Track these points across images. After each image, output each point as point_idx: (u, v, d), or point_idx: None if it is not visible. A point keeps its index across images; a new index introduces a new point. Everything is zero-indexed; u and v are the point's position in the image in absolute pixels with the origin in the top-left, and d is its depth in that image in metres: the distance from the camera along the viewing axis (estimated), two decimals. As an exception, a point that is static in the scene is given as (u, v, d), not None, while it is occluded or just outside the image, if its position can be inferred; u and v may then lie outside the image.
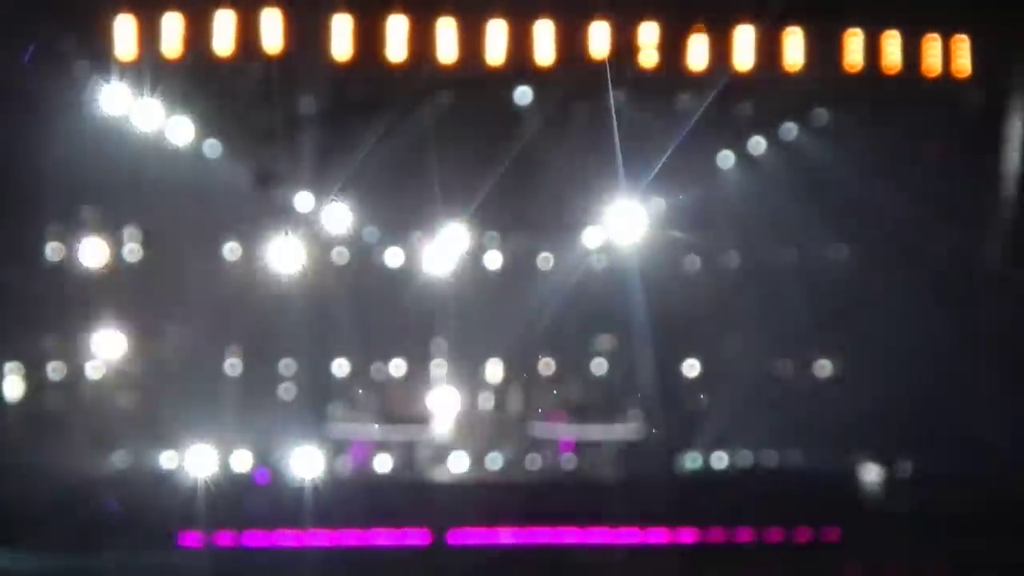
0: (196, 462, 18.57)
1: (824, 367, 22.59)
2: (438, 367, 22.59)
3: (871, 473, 20.16)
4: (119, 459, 19.55)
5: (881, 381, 20.47)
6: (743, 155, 21.70)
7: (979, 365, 19.49)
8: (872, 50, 19.61)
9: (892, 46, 19.62)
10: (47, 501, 17.45)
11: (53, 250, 20.89)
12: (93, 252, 21.16)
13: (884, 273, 21.09)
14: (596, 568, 17.11)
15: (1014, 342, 19.58)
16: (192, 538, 17.62)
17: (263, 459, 19.17)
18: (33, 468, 18.16)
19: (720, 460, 20.53)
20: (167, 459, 19.14)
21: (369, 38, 18.71)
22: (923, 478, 19.84)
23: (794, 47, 19.41)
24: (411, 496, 18.76)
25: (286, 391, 21.56)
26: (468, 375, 22.54)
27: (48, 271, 20.62)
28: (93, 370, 21.21)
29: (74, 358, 21.05)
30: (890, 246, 21.10)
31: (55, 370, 21.01)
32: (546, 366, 22.76)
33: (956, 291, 20.24)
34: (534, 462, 20.47)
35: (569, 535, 18.35)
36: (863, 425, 20.54)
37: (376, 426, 19.72)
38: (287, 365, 21.72)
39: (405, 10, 18.46)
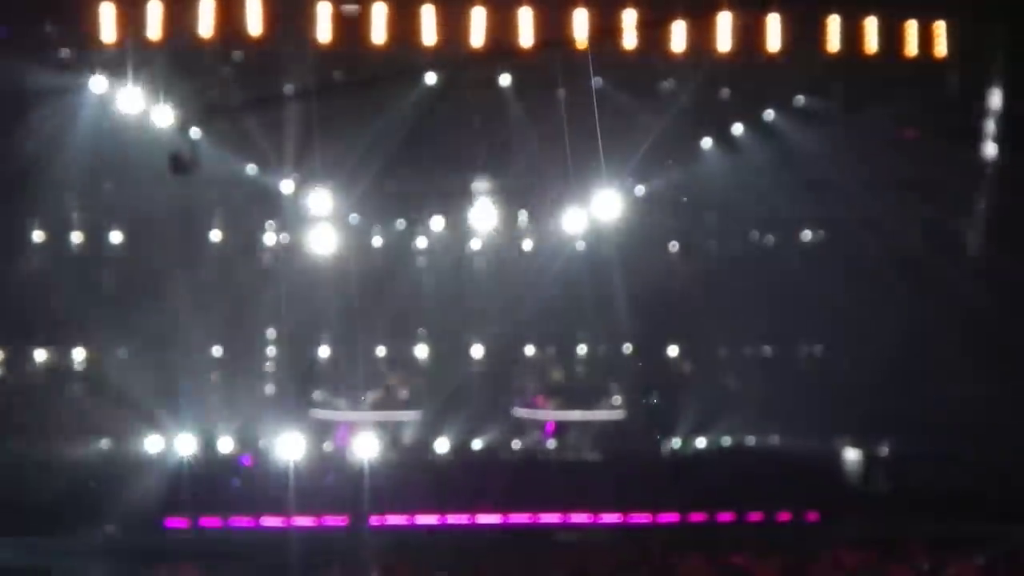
0: (182, 447, 18.66)
1: (805, 351, 22.79)
2: (423, 351, 22.71)
3: (851, 455, 20.36)
4: (106, 445, 19.66)
5: (860, 365, 20.69)
6: (724, 139, 21.82)
7: (957, 349, 19.70)
8: (851, 34, 19.74)
9: (871, 31, 19.75)
10: (36, 486, 17.53)
11: (37, 237, 20.92)
12: (77, 238, 21.16)
13: (863, 257, 21.27)
14: (575, 548, 17.20)
15: (991, 326, 19.77)
16: (177, 521, 17.70)
17: (247, 444, 19.26)
18: (22, 455, 18.26)
19: (702, 442, 20.73)
20: (153, 444, 19.26)
21: (352, 22, 18.72)
22: (901, 460, 20.08)
23: (774, 32, 19.53)
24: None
25: (271, 376, 21.66)
26: (453, 359, 22.67)
27: (32, 257, 20.64)
28: (80, 357, 21.32)
29: (60, 345, 21.14)
30: (868, 230, 21.26)
31: (42, 357, 21.09)
32: (530, 349, 22.92)
33: (935, 274, 20.42)
34: (517, 443, 20.61)
35: (550, 517, 18.53)
36: (843, 408, 20.77)
37: (361, 410, 19.78)
38: (272, 350, 21.83)
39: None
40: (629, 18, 18.79)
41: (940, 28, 19.81)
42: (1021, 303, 19.47)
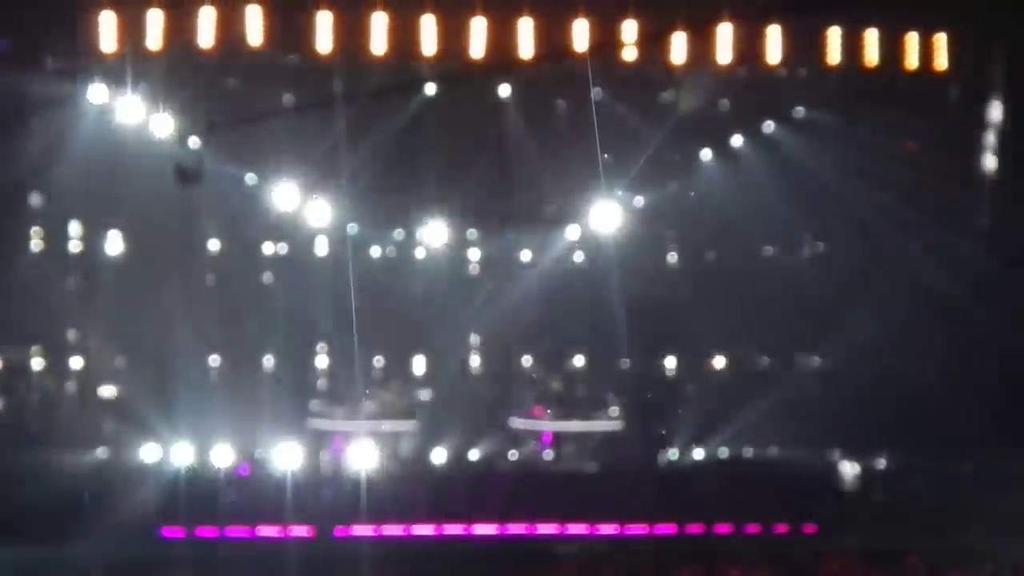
0: (178, 457, 18.66)
1: (803, 363, 22.75)
2: (420, 362, 22.71)
3: (848, 467, 20.31)
4: (103, 454, 19.65)
5: (859, 377, 20.63)
6: (724, 151, 21.82)
7: (956, 362, 19.66)
8: (852, 47, 19.74)
9: (871, 43, 19.75)
10: (33, 495, 17.51)
11: (34, 244, 20.96)
12: (75, 246, 21.20)
13: (862, 269, 21.25)
14: (572, 559, 17.13)
15: (991, 339, 19.74)
16: (174, 531, 17.66)
17: (245, 454, 19.24)
18: (19, 463, 18.23)
19: (699, 454, 20.71)
20: (150, 454, 19.24)
21: (351, 33, 18.76)
22: (899, 472, 20.02)
23: (774, 43, 19.53)
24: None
25: (269, 386, 21.65)
26: (450, 370, 22.68)
27: (29, 265, 20.66)
28: (77, 365, 21.32)
29: (58, 353, 21.15)
30: (868, 242, 21.25)
31: (40, 366, 21.09)
32: (528, 361, 22.91)
33: (934, 287, 20.39)
34: (514, 454, 20.59)
35: (547, 529, 18.49)
36: (841, 420, 20.73)
37: (359, 420, 19.75)
38: (269, 360, 21.83)
39: (385, 7, 18.50)
40: (629, 29, 18.91)
41: (941, 40, 19.83)
42: (1020, 315, 19.45)
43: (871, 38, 19.61)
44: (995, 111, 20.03)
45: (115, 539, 16.67)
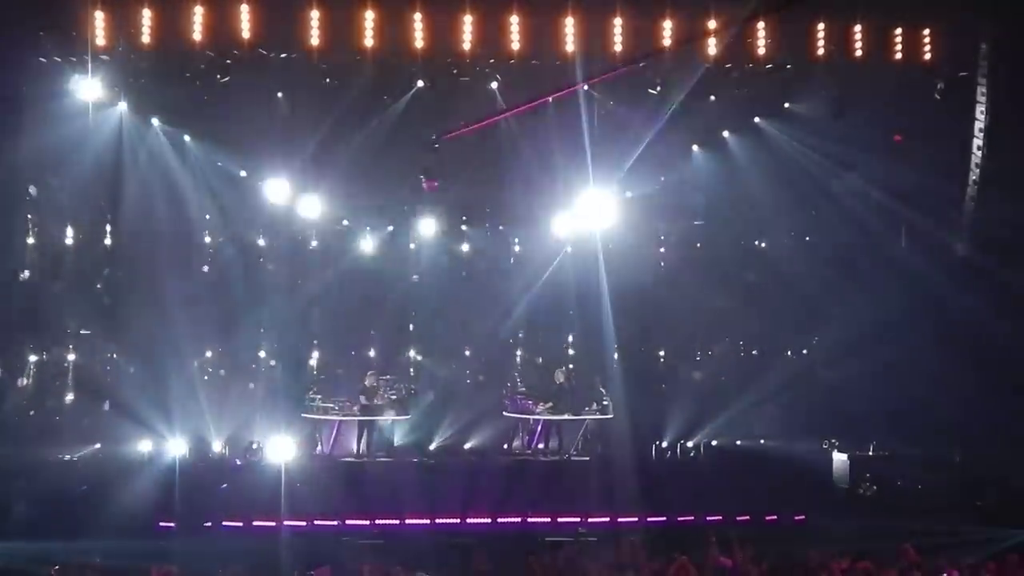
0: (173, 450, 18.75)
1: (793, 354, 22.92)
2: (413, 353, 22.85)
3: (838, 456, 20.48)
4: (99, 448, 19.74)
5: (847, 367, 20.82)
6: (713, 143, 21.97)
7: (943, 352, 19.84)
8: (839, 39, 19.88)
9: (858, 36, 19.90)
10: (28, 490, 17.60)
11: (30, 240, 20.99)
12: (68, 242, 21.26)
13: (851, 261, 21.43)
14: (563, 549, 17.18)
15: (977, 329, 19.92)
16: (169, 523, 17.73)
17: (238, 446, 19.34)
18: (14, 458, 18.32)
19: (690, 444, 20.87)
20: (145, 447, 19.34)
21: (340, 28, 18.86)
22: (887, 461, 20.20)
23: (763, 37, 19.67)
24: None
25: (262, 379, 21.76)
26: (444, 361, 22.81)
27: (23, 260, 20.72)
28: (73, 360, 21.42)
29: (52, 349, 21.25)
30: (857, 234, 21.43)
31: (33, 361, 21.18)
32: (521, 351, 23.07)
33: (923, 278, 20.57)
34: (507, 445, 20.69)
35: (539, 519, 18.63)
36: (830, 410, 20.92)
37: (353, 411, 19.86)
38: (263, 353, 21.95)
39: (376, 3, 18.64)
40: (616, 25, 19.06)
41: (926, 35, 20.01)
42: (1007, 306, 19.65)
43: (857, 32, 19.81)
44: (980, 102, 20.21)
45: (112, 531, 16.74)
